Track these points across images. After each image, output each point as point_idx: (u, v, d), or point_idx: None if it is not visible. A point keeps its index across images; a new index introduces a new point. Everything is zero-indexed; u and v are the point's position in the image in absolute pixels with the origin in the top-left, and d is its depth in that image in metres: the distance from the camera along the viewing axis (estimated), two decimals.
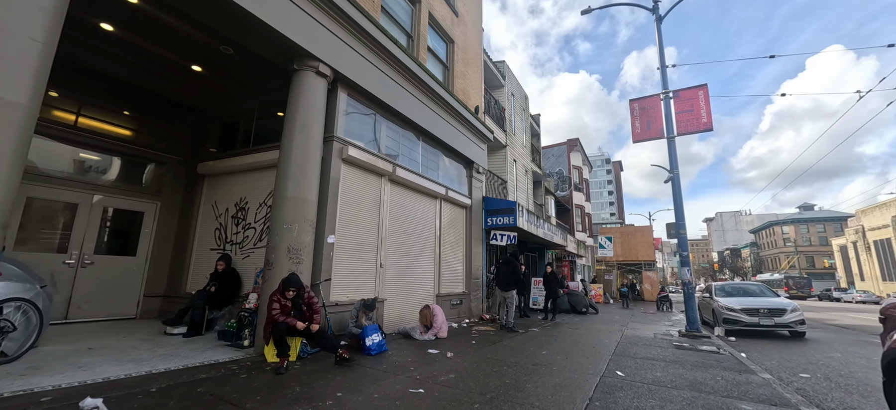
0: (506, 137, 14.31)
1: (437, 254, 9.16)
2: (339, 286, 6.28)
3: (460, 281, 10.13)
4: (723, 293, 11.29)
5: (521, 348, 6.40)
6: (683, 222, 9.56)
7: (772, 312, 9.38)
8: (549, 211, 20.97)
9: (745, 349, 7.69)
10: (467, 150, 10.65)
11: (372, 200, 7.24)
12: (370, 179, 7.23)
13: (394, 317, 7.46)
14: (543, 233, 13.71)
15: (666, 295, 18.41)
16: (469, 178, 10.96)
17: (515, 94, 16.17)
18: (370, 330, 5.50)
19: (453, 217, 10.10)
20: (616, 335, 8.37)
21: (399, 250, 7.85)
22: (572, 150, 28.14)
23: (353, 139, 6.85)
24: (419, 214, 8.64)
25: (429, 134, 9.05)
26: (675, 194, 9.72)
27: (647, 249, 31.66)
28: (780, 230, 76.07)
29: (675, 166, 9.84)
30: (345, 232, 6.52)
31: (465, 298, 10.01)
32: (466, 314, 10.00)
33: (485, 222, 11.48)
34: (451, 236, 9.91)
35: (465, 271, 10.34)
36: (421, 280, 8.47)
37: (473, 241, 10.69)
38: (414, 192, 8.50)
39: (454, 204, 10.12)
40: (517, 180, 15.18)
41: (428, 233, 8.92)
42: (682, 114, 10.04)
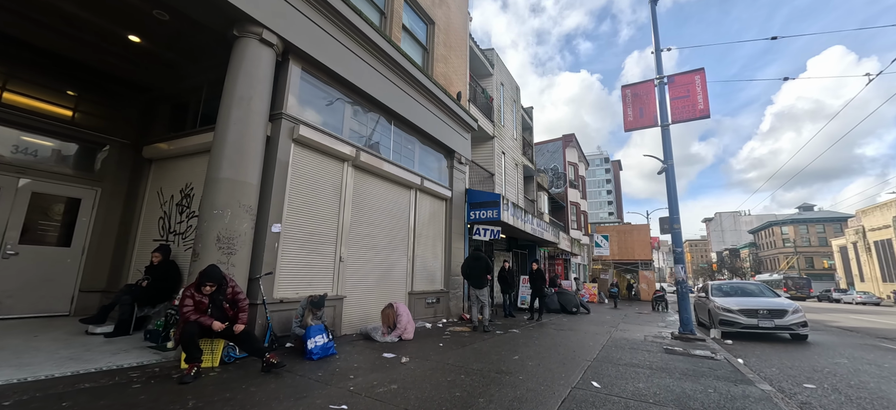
0: (494, 128, 13.63)
1: (411, 249, 8.47)
2: (286, 280, 5.59)
3: (438, 278, 9.44)
4: (720, 293, 10.61)
5: (491, 351, 5.72)
6: (678, 216, 8.89)
7: (772, 313, 8.71)
8: (541, 207, 20.29)
9: (743, 354, 7.02)
10: (448, 139, 9.96)
11: (331, 186, 6.55)
12: (329, 163, 6.53)
13: (357, 317, 6.77)
14: (532, 229, 13.03)
15: (661, 295, 17.75)
16: (450, 169, 10.27)
17: (505, 84, 15.48)
18: (314, 331, 4.82)
19: (431, 210, 9.41)
20: (602, 338, 7.70)
21: (364, 244, 7.16)
22: (568, 145, 27.43)
23: (309, 119, 6.15)
24: (389, 204, 7.94)
25: (403, 119, 8.36)
26: (669, 186, 9.05)
27: (643, 248, 31.01)
28: (779, 231, 75.52)
29: (668, 156, 9.16)
30: (296, 221, 5.83)
31: (443, 296, 9.33)
32: (445, 313, 9.32)
33: (467, 216, 10.80)
34: (429, 229, 9.23)
35: (444, 267, 9.65)
36: (391, 277, 7.78)
37: (454, 235, 10.00)
38: (383, 180, 7.81)
39: (432, 196, 9.43)
40: (506, 173, 14.49)
41: (400, 226, 8.23)
42: (677, 101, 9.36)
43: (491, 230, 10.42)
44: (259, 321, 5.05)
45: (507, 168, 14.62)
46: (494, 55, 14.41)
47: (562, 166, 26.88)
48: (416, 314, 8.28)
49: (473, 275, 9.09)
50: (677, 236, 8.81)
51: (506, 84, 15.58)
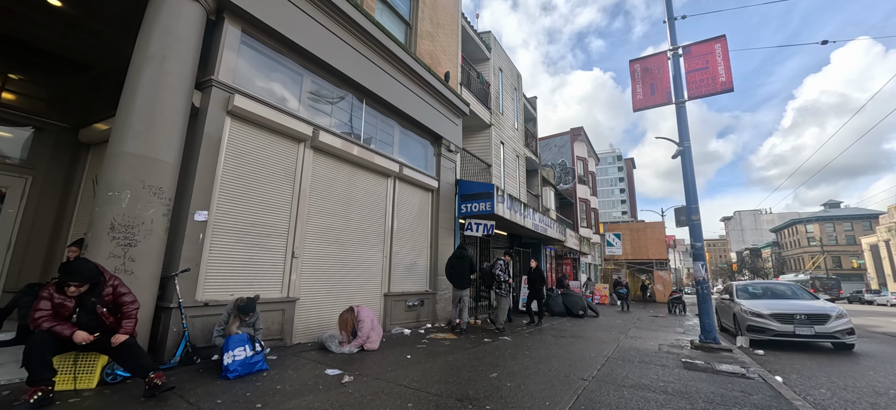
0: (491, 115, 12.56)
1: (389, 244, 7.48)
2: (216, 279, 4.65)
3: (422, 278, 8.42)
4: (746, 295, 9.30)
5: (466, 366, 4.68)
6: (696, 206, 7.67)
7: (811, 319, 7.40)
8: (547, 203, 19.08)
9: (780, 369, 5.79)
10: (434, 123, 8.94)
11: (282, 170, 5.60)
12: (279, 143, 5.59)
13: (315, 322, 5.81)
14: (534, 224, 11.91)
15: (679, 296, 16.35)
16: (437, 157, 9.25)
17: (504, 69, 14.39)
18: (233, 343, 3.85)
19: (414, 201, 8.40)
20: (608, 347, 6.55)
21: (326, 237, 6.19)
22: (576, 139, 26.10)
23: (250, 89, 5.22)
24: (360, 194, 6.97)
25: (378, 99, 7.38)
26: (686, 171, 7.83)
27: (658, 247, 29.39)
28: (803, 229, 72.04)
29: (685, 137, 7.96)
30: (232, 209, 4.90)
31: (427, 298, 8.30)
32: (430, 317, 8.29)
33: (458, 209, 9.75)
34: (411, 223, 8.22)
35: (429, 266, 8.63)
36: (361, 276, 6.80)
37: (442, 230, 8.97)
38: (352, 166, 6.83)
39: (415, 185, 8.42)
40: (505, 164, 13.39)
41: (374, 218, 7.24)
42: (694, 73, 8.13)
43: (484, 225, 9.35)
44: (173, 328, 4.12)
45: (506, 160, 13.52)
46: (491, 38, 13.35)
47: (570, 161, 25.58)
48: (393, 318, 7.28)
49: (456, 274, 8.15)
50: (696, 230, 7.59)
51: (505, 70, 14.49)
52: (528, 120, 18.11)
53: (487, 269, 8.82)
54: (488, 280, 8.47)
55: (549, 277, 18.36)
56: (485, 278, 8.68)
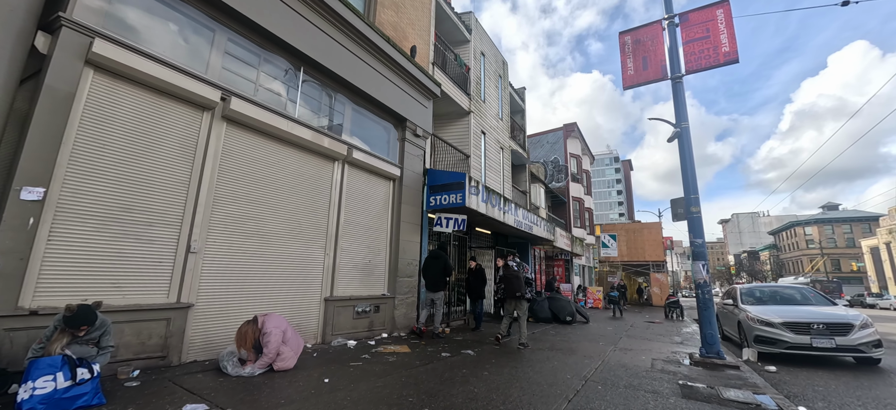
0: (470, 102, 11.45)
1: (333, 240, 6.33)
2: (62, 280, 3.50)
3: (378, 280, 7.27)
4: (752, 299, 8.19)
5: (392, 398, 3.53)
6: (696, 196, 6.56)
7: (830, 328, 6.29)
8: (536, 201, 17.97)
9: (799, 391, 4.68)
10: (397, 103, 7.83)
11: (177, 143, 4.46)
12: (173, 108, 4.45)
13: (221, 335, 4.65)
14: (515, 221, 10.78)
15: (676, 300, 15.25)
16: (401, 141, 8.12)
17: (487, 55, 13.29)
18: (39, 369, 2.71)
19: (369, 190, 7.26)
20: (591, 364, 5.42)
21: (241, 229, 5.05)
22: (569, 135, 25.03)
23: (132, 38, 4.09)
24: (293, 178, 5.83)
25: (322, 69, 6.26)
26: (684, 156, 6.74)
27: (655, 248, 28.33)
28: (802, 231, 71.31)
29: (682, 117, 6.87)
30: (92, 188, 3.75)
31: (384, 303, 7.15)
32: (386, 325, 7.14)
33: (426, 202, 8.62)
34: (364, 215, 7.08)
35: (388, 265, 7.48)
36: (293, 277, 5.65)
37: (406, 225, 7.83)
38: (282, 144, 5.69)
39: (371, 173, 7.29)
40: (487, 156, 12.28)
41: (314, 208, 6.10)
42: (693, 44, 7.06)
43: (455, 220, 8.23)
44: None
45: (488, 151, 12.40)
46: (473, 19, 12.26)
47: (563, 159, 24.50)
48: (337, 327, 6.13)
49: (428, 276, 7.29)
50: (696, 224, 6.49)
51: (488, 55, 13.39)
52: (516, 112, 17.01)
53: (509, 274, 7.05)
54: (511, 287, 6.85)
55: (538, 280, 17.23)
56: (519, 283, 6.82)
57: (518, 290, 6.77)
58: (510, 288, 6.90)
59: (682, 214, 6.79)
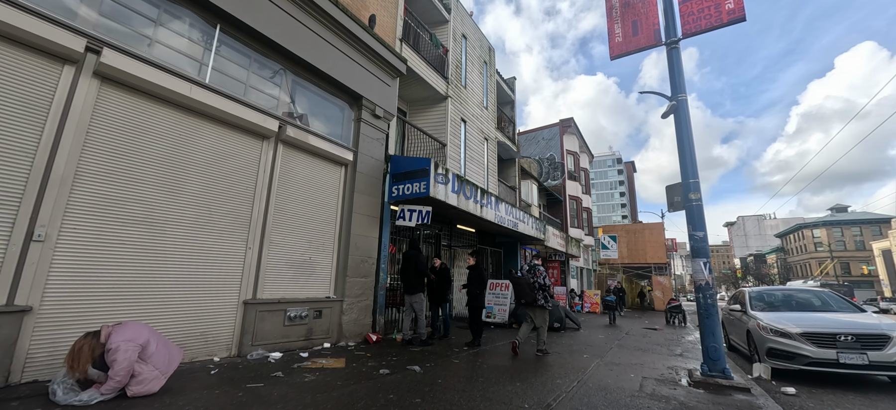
0: (447, 86, 10.42)
1: (259, 231, 5.30)
2: None
3: (322, 280, 6.22)
4: (763, 305, 7.07)
5: None
6: (696, 182, 5.48)
7: (861, 341, 5.16)
8: (528, 198, 16.88)
9: None
10: (351, 78, 6.82)
11: (19, 100, 3.45)
12: (13, 56, 3.45)
13: None
14: (496, 217, 9.70)
15: (678, 305, 14.08)
16: (357, 122, 7.10)
17: (470, 38, 12.26)
18: None
19: (312, 176, 6.23)
20: (564, 385, 4.34)
21: (120, 214, 4.03)
22: (566, 131, 23.93)
23: None
24: (203, 155, 4.81)
25: (246, 29, 5.26)
26: (681, 134, 5.67)
27: (657, 250, 27.13)
28: (809, 234, 69.59)
29: (679, 88, 5.80)
30: None
31: (329, 308, 6.10)
32: (331, 333, 6.09)
33: (388, 192, 7.58)
34: (304, 204, 6.04)
35: (336, 264, 6.43)
36: (199, 275, 4.62)
37: (360, 217, 6.80)
38: (188, 114, 4.68)
39: (314, 155, 6.26)
40: (467, 146, 11.22)
41: (231, 192, 5.08)
42: (690, 2, 5.98)
43: (418, 212, 7.18)
44: None
45: (469, 141, 11.35)
46: None
47: (559, 155, 23.41)
48: (260, 336, 5.08)
49: (405, 278, 6.75)
50: (695, 214, 5.39)
51: (471, 39, 12.37)
52: (505, 103, 15.97)
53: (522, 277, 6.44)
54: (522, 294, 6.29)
55: None
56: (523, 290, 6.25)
57: (524, 296, 6.19)
58: (520, 296, 6.27)
59: (680, 202, 5.70)
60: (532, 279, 6.22)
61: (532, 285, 6.17)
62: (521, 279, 6.39)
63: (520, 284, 6.35)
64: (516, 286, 6.41)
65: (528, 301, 6.17)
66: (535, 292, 6.14)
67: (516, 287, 6.42)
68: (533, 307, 6.19)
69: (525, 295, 6.19)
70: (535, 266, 6.38)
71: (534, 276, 6.25)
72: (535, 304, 6.12)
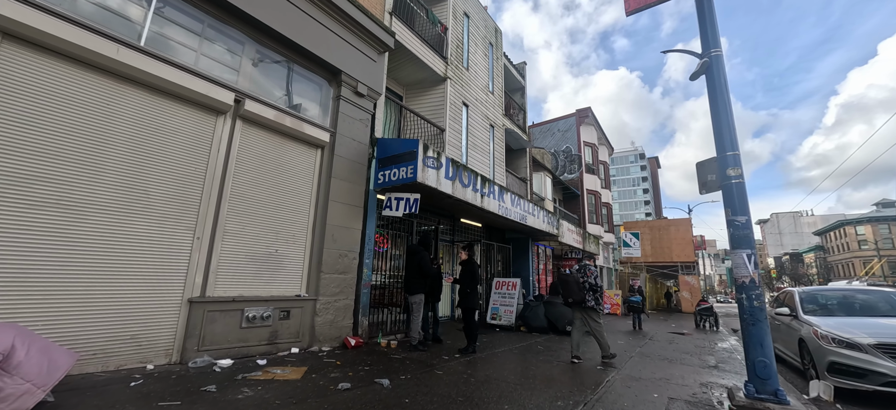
0: (447, 67, 9.55)
1: (211, 218, 4.60)
2: None
3: (290, 276, 5.49)
4: (818, 308, 5.88)
5: None
6: (736, 156, 4.41)
7: None
8: (541, 191, 15.79)
9: None
10: (327, 50, 6.07)
11: None
12: None
13: None
14: (499, 208, 8.76)
15: (708, 307, 12.71)
16: (336, 100, 6.34)
17: (472, 16, 11.34)
18: None
19: (280, 158, 5.51)
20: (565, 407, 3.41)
21: (30, 195, 3.38)
22: (583, 122, 22.59)
23: None
24: (140, 130, 4.13)
25: None
26: (715, 98, 4.62)
27: (684, 247, 25.37)
28: (852, 231, 64.80)
29: (712, 42, 4.74)
30: None
31: (297, 307, 5.35)
32: (301, 336, 5.34)
33: (374, 178, 6.80)
34: (269, 189, 5.32)
35: (308, 258, 5.69)
36: (128, 267, 3.95)
37: (338, 206, 6.04)
38: (116, 80, 4.02)
39: (282, 134, 5.54)
40: (470, 132, 10.31)
41: (176, 173, 4.39)
42: None
43: (406, 200, 6.35)
44: None
45: (472, 127, 10.44)
46: None
47: (575, 147, 22.12)
48: (210, 339, 4.38)
49: (406, 276, 6.28)
50: (735, 195, 4.32)
51: (474, 17, 11.45)
52: (515, 90, 14.94)
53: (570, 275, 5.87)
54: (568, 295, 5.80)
55: (542, 281, 15.04)
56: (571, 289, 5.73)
57: (572, 295, 5.70)
58: (568, 295, 5.77)
59: (715, 181, 4.64)
60: (582, 278, 5.75)
61: (581, 284, 5.70)
62: (569, 277, 5.85)
63: (567, 282, 5.82)
64: (564, 284, 5.88)
65: (577, 301, 5.68)
66: (585, 292, 5.64)
67: (564, 286, 5.87)
68: (582, 309, 5.72)
69: (573, 294, 5.68)
70: (586, 265, 5.91)
71: (584, 275, 5.78)
72: (585, 305, 5.63)
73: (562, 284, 5.98)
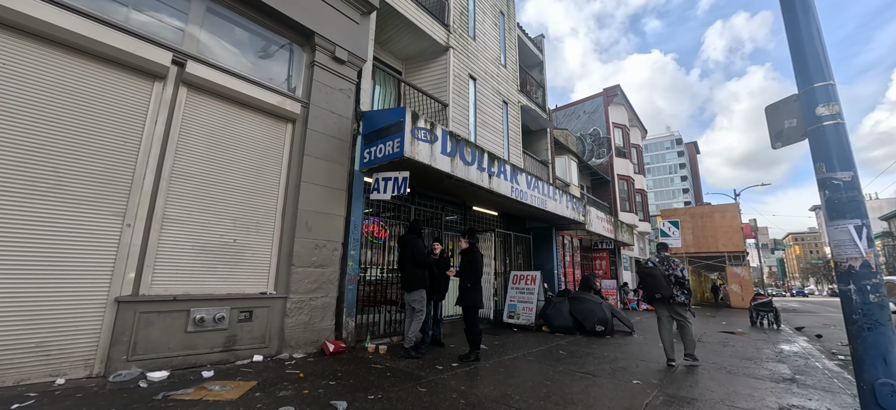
0: (448, 36, 8.48)
1: (147, 201, 3.85)
2: None
3: (257, 271, 4.67)
4: None
5: None
6: (828, 88, 3.09)
7: None
8: (565, 176, 14.37)
9: None
10: (292, 5, 5.20)
11: None
12: None
13: None
14: (512, 190, 7.61)
15: (767, 301, 10.93)
16: (310, 67, 5.46)
17: None
18: None
19: (241, 131, 4.70)
20: None
21: None
22: (611, 102, 20.73)
23: None
24: (42, 93, 3.42)
25: None
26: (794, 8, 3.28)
27: (731, 235, 22.90)
28: None
29: None
30: None
31: (263, 307, 4.53)
32: (268, 341, 4.53)
33: (360, 158, 5.89)
34: (226, 168, 4.52)
35: (277, 249, 4.86)
36: (37, 260, 3.24)
37: (313, 189, 5.19)
38: (21, 36, 3.30)
39: (240, 104, 4.73)
40: (478, 108, 9.19)
41: (96, 146, 3.65)
42: None
43: (394, 180, 5.39)
44: None
45: (481, 102, 9.31)
46: None
47: (604, 130, 20.36)
48: (149, 346, 3.63)
49: (402, 272, 5.37)
50: (830, 143, 3.00)
51: None
52: (532, 66, 13.58)
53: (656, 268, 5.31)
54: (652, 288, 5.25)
55: (569, 275, 13.67)
56: (659, 283, 5.18)
57: (660, 291, 5.15)
58: (656, 290, 5.19)
59: (796, 128, 3.32)
60: (667, 270, 5.28)
61: (668, 277, 5.22)
62: (655, 270, 5.30)
63: (654, 276, 5.26)
64: (650, 277, 5.30)
65: (665, 297, 5.17)
66: (672, 286, 5.17)
67: (650, 280, 5.29)
68: (670, 304, 5.26)
69: (662, 290, 5.16)
70: (668, 257, 5.43)
71: (668, 267, 5.31)
72: (675, 301, 5.19)
73: (647, 277, 5.34)
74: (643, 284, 5.41)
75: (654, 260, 5.44)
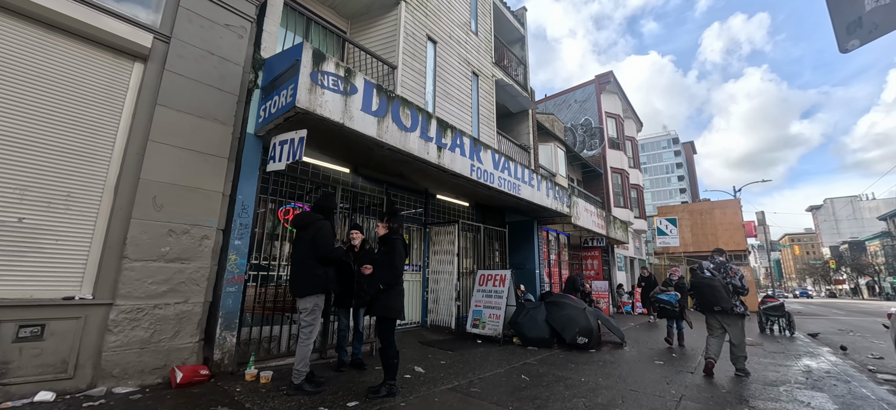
0: None
1: None
2: None
3: (63, 266, 3.19)
4: None
5: None
6: None
7: None
8: (550, 165, 12.94)
9: None
10: None
11: None
12: None
13: None
14: (472, 169, 6.15)
15: (778, 304, 9.52)
16: None
17: None
18: None
19: (44, 66, 3.22)
20: None
21: None
22: (604, 90, 19.33)
23: None
24: None
25: None
26: None
27: (732, 233, 21.56)
28: None
29: None
30: None
31: (66, 320, 3.06)
32: (77, 370, 3.06)
33: (255, 117, 4.43)
34: (6, 117, 3.03)
35: (102, 236, 3.37)
36: None
37: (169, 152, 3.73)
38: None
39: (47, 26, 3.25)
40: (440, 77, 7.72)
41: None
42: None
43: (289, 142, 3.92)
44: None
45: (442, 70, 7.84)
46: None
47: (596, 119, 18.98)
48: None
49: (291, 266, 3.83)
50: None
51: None
52: (513, 41, 12.15)
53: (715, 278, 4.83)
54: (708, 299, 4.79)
55: (555, 275, 12.21)
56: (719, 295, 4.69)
57: (718, 303, 4.66)
58: (715, 302, 4.69)
59: (892, 6, 1.89)
60: (726, 279, 4.79)
61: (727, 287, 4.75)
62: (714, 281, 4.78)
63: (714, 287, 4.73)
64: (709, 289, 4.76)
65: (725, 309, 4.66)
66: (726, 295, 4.68)
67: (710, 291, 4.75)
68: (727, 316, 4.73)
69: (722, 302, 4.65)
70: (724, 263, 4.96)
71: (726, 275, 4.82)
72: (733, 312, 4.68)
73: (705, 288, 4.78)
74: (700, 294, 4.85)
75: (710, 267, 4.96)
